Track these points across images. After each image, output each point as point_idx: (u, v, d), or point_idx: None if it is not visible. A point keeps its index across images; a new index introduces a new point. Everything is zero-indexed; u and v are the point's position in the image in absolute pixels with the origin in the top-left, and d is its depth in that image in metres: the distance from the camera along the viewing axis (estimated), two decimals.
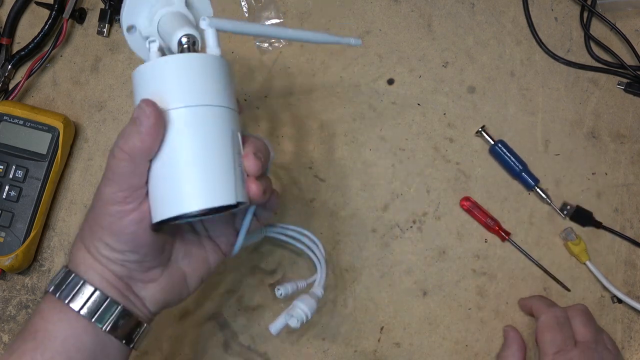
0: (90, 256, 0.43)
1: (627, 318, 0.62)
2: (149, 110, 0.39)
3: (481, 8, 0.67)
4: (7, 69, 0.65)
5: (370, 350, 0.62)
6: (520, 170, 0.63)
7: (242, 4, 0.67)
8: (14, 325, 0.62)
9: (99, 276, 0.43)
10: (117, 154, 0.40)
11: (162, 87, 0.40)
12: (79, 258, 0.43)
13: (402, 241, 0.63)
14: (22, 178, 0.61)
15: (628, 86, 0.66)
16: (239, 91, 0.66)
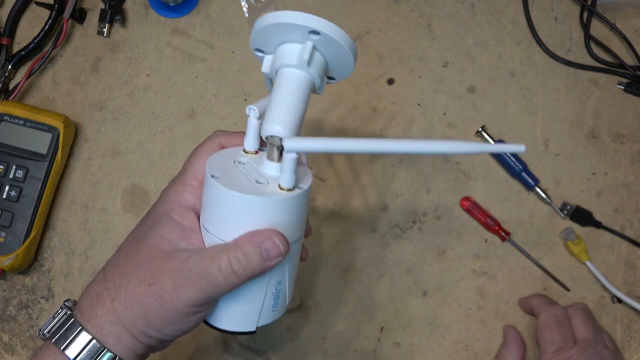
0: (126, 333, 0.40)
1: (627, 318, 0.62)
2: (284, 248, 0.39)
3: (481, 8, 0.67)
4: (7, 69, 0.65)
5: (370, 350, 0.62)
6: (520, 170, 0.63)
7: (242, 4, 0.67)
8: (14, 325, 0.62)
9: (125, 347, 0.40)
10: (227, 269, 0.38)
11: (277, 221, 0.39)
12: (106, 326, 0.40)
13: (402, 241, 0.63)
14: (22, 178, 0.61)
15: (628, 86, 0.66)
16: (239, 91, 0.66)
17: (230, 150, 0.43)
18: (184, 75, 0.66)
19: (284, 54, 0.42)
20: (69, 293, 0.62)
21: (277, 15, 0.39)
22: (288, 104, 0.40)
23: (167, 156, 0.65)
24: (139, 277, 0.39)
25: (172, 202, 0.42)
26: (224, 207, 0.39)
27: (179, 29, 0.67)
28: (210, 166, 0.40)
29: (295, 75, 0.41)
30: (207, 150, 0.43)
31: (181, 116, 0.66)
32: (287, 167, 0.38)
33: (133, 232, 0.42)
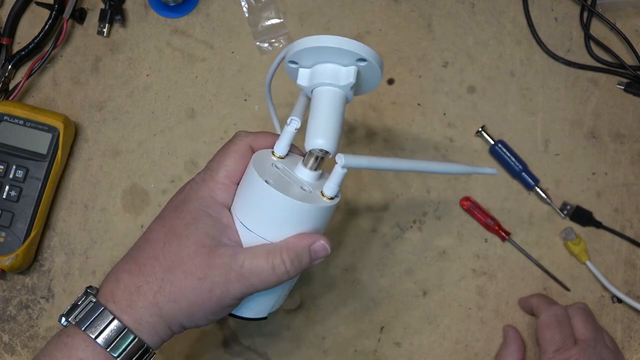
0: (164, 324, 0.42)
1: (627, 318, 0.62)
2: (330, 250, 0.44)
3: (481, 8, 0.67)
4: (7, 69, 0.65)
5: (370, 350, 0.62)
6: (520, 170, 0.63)
7: (242, 4, 0.67)
8: (14, 325, 0.62)
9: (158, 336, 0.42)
10: (281, 267, 0.42)
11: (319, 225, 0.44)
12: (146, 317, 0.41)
13: (402, 241, 0.63)
14: (22, 178, 0.61)
15: (628, 86, 0.66)
16: (239, 91, 0.66)
17: (262, 154, 0.45)
18: (184, 75, 0.66)
19: (328, 74, 0.44)
20: (69, 293, 0.62)
21: (332, 39, 0.42)
22: (333, 121, 0.44)
23: (167, 156, 0.65)
24: (185, 271, 0.41)
25: (207, 199, 0.43)
26: (276, 211, 0.42)
27: (179, 29, 0.67)
28: (258, 170, 0.42)
29: (338, 94, 0.44)
30: (237, 151, 0.45)
31: (181, 116, 0.66)
32: (336, 179, 0.43)
33: (165, 226, 0.43)
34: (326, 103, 0.44)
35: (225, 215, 0.43)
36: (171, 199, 0.46)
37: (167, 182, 0.64)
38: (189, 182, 0.45)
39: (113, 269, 0.44)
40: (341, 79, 0.44)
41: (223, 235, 0.42)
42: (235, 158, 0.44)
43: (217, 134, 0.65)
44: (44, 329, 0.62)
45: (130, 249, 0.44)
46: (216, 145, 0.65)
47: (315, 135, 0.43)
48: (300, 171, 0.45)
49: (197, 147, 0.65)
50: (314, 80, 0.44)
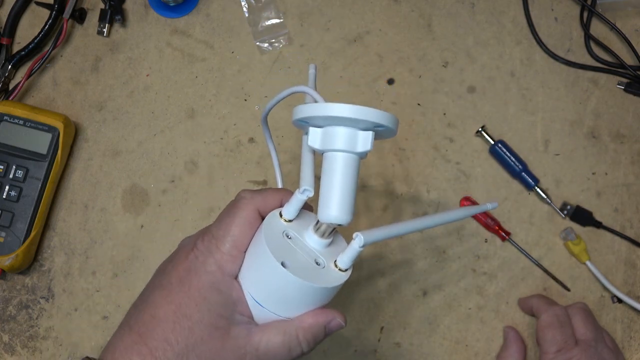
0: None
1: (627, 318, 0.62)
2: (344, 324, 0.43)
3: (481, 8, 0.67)
4: (7, 69, 0.65)
5: (370, 350, 0.62)
6: (520, 170, 0.63)
7: (242, 4, 0.67)
8: (14, 325, 0.62)
9: None
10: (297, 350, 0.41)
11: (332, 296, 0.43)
12: None
13: (402, 241, 0.63)
14: (22, 178, 0.61)
15: (628, 86, 0.66)
16: (239, 91, 0.66)
17: (272, 222, 0.43)
18: (184, 75, 0.66)
19: (343, 140, 0.41)
20: (69, 293, 0.62)
21: (350, 110, 0.39)
22: (348, 190, 0.41)
23: (167, 156, 0.65)
24: (198, 356, 0.39)
25: (214, 273, 0.41)
26: (292, 292, 0.40)
27: (179, 29, 0.67)
28: (271, 247, 0.40)
29: (353, 161, 0.41)
30: (244, 217, 0.42)
31: (181, 116, 0.66)
32: (351, 255, 0.42)
33: (173, 303, 0.40)
34: (341, 172, 0.41)
35: (235, 288, 0.41)
36: (172, 263, 0.42)
37: (167, 182, 0.64)
38: (191, 248, 0.42)
39: (116, 342, 0.41)
40: (358, 146, 0.41)
41: (235, 311, 0.40)
42: (243, 225, 0.42)
43: (217, 134, 0.65)
44: (44, 329, 0.62)
45: (132, 319, 0.41)
46: (216, 145, 0.65)
47: (331, 208, 0.41)
48: (311, 238, 0.43)
49: (197, 147, 0.65)
50: (327, 145, 0.41)
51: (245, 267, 0.42)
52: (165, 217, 0.64)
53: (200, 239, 0.42)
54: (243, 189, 0.44)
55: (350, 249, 0.42)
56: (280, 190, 0.45)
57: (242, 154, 0.65)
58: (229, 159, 0.65)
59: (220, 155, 0.65)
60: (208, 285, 0.40)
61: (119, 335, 0.41)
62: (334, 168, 0.41)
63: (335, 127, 0.41)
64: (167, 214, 0.64)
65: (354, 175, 0.41)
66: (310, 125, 0.42)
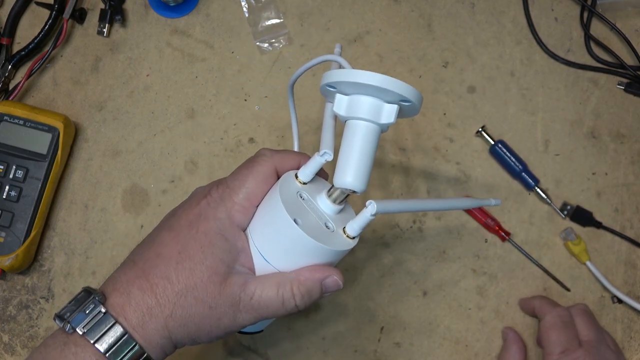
0: (172, 344, 0.41)
1: (627, 318, 0.62)
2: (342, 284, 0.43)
3: (481, 8, 0.67)
4: (7, 69, 0.65)
5: (370, 350, 0.62)
6: (520, 170, 0.63)
7: (242, 4, 0.67)
8: (14, 325, 0.62)
9: (164, 353, 0.41)
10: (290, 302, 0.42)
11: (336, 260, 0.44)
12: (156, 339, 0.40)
13: (402, 241, 0.63)
14: (22, 178, 0.61)
15: (628, 86, 0.66)
16: (239, 91, 0.66)
17: (287, 180, 0.43)
18: (184, 75, 0.66)
19: (369, 109, 0.41)
20: (69, 293, 0.62)
21: (381, 79, 0.39)
22: (366, 159, 0.42)
23: (167, 156, 0.65)
24: (196, 297, 0.40)
25: (223, 221, 0.42)
26: (299, 249, 0.41)
27: (179, 29, 0.67)
28: (286, 204, 0.41)
29: (375, 131, 0.42)
30: (261, 172, 0.43)
31: (181, 116, 0.66)
32: (362, 222, 0.42)
33: (179, 243, 0.41)
34: (362, 140, 0.42)
35: (241, 239, 0.42)
36: (183, 208, 0.44)
37: (167, 182, 0.64)
38: (204, 195, 0.43)
39: (119, 275, 0.42)
40: (382, 117, 0.41)
41: (236, 261, 0.42)
42: (258, 179, 0.43)
43: (217, 134, 0.65)
44: (44, 329, 0.62)
45: (137, 255, 0.43)
46: (216, 145, 0.65)
47: (347, 174, 0.41)
48: (324, 202, 0.44)
49: (197, 147, 0.65)
50: (352, 112, 0.42)
51: (256, 221, 0.42)
52: None
53: (214, 187, 0.43)
54: (263, 147, 0.45)
55: (362, 216, 0.42)
56: (299, 153, 0.46)
57: (242, 154, 0.65)
58: (229, 159, 0.65)
59: (220, 155, 0.65)
60: (215, 231, 0.41)
61: (122, 269, 0.42)
62: (355, 135, 0.42)
63: (361, 96, 0.41)
64: None
65: (374, 145, 0.42)
66: (337, 92, 0.42)
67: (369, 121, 0.41)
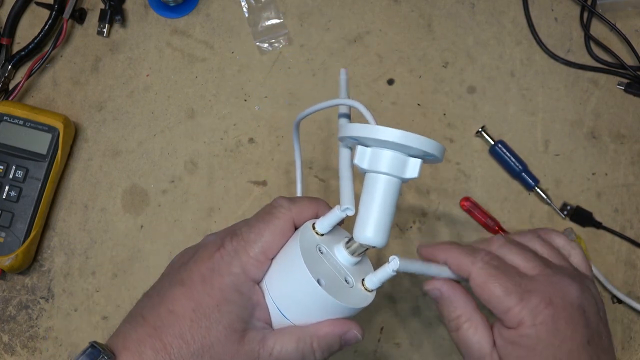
0: None
1: (627, 318, 0.62)
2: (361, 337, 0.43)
3: (481, 8, 0.67)
4: (7, 69, 0.65)
5: (370, 350, 0.62)
6: (520, 170, 0.63)
7: (242, 4, 0.67)
8: (14, 325, 0.62)
9: None
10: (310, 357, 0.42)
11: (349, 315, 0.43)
12: None
13: (402, 241, 0.63)
14: (22, 178, 0.61)
15: (628, 86, 0.66)
16: (239, 91, 0.66)
17: (305, 234, 0.42)
18: (184, 75, 0.66)
19: (392, 163, 0.40)
20: (68, 293, 0.62)
21: (407, 138, 0.38)
22: (388, 214, 0.41)
23: (167, 156, 0.65)
24: (212, 357, 0.39)
25: (239, 276, 0.41)
26: (320, 308, 0.41)
27: (179, 29, 0.67)
28: (308, 263, 0.40)
29: (397, 185, 0.41)
30: (278, 226, 0.42)
31: (181, 116, 0.66)
32: (382, 277, 0.42)
33: (193, 300, 0.40)
34: (384, 194, 0.40)
35: (256, 293, 0.41)
36: (194, 260, 0.42)
37: (167, 182, 0.64)
38: (217, 247, 0.41)
39: (128, 332, 0.40)
40: (406, 172, 0.40)
41: (252, 316, 0.41)
42: (276, 233, 0.41)
43: (217, 134, 0.65)
44: (44, 329, 0.62)
45: (146, 310, 0.41)
46: (216, 145, 0.65)
47: (368, 229, 0.40)
48: (341, 253, 0.43)
49: (197, 147, 0.65)
50: (374, 166, 0.40)
51: (273, 275, 0.41)
52: (165, 218, 0.64)
53: (228, 239, 0.41)
54: (280, 196, 0.44)
55: (383, 270, 0.42)
56: (316, 201, 0.44)
57: (242, 154, 0.65)
58: (229, 159, 0.65)
59: (220, 156, 0.65)
60: (231, 287, 0.40)
61: (131, 325, 0.40)
62: (378, 190, 0.40)
63: (385, 150, 0.40)
64: (167, 214, 0.64)
65: (395, 198, 0.41)
66: (359, 144, 0.41)
67: (393, 176, 0.40)
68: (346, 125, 0.41)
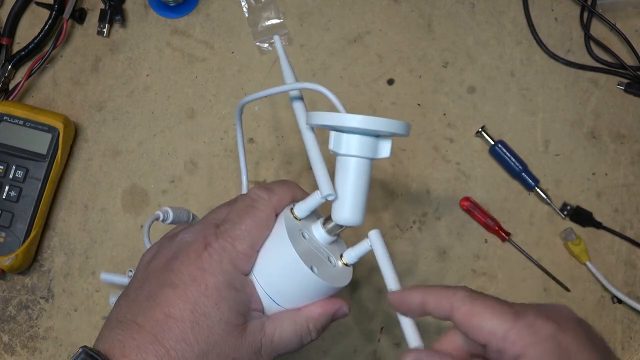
0: None
1: (627, 318, 0.62)
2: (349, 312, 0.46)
3: (481, 8, 0.67)
4: (7, 69, 0.65)
5: (370, 350, 0.62)
6: (520, 171, 0.63)
7: (242, 4, 0.67)
8: (14, 325, 0.62)
9: None
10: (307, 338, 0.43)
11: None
12: None
13: (402, 241, 0.63)
14: (22, 178, 0.61)
15: (628, 86, 0.66)
16: (239, 91, 0.66)
17: (289, 222, 0.43)
18: (184, 75, 0.66)
19: (364, 146, 0.41)
20: (68, 293, 0.62)
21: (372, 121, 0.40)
22: (363, 193, 0.42)
23: (167, 156, 0.65)
24: (218, 354, 0.39)
25: (231, 273, 0.41)
26: (312, 291, 0.42)
27: (179, 29, 0.67)
28: (299, 251, 0.41)
29: (369, 165, 0.42)
30: (264, 219, 0.42)
31: (181, 116, 0.66)
32: (361, 252, 0.44)
33: (189, 302, 0.39)
34: (360, 176, 0.42)
35: (248, 285, 0.42)
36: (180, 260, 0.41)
37: (167, 182, 0.64)
38: (203, 246, 0.41)
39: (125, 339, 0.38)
40: (378, 153, 0.42)
41: (249, 308, 0.41)
42: (260, 226, 0.42)
43: (217, 134, 0.65)
44: (44, 329, 0.62)
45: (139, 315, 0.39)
46: (216, 145, 0.65)
47: (345, 210, 0.42)
48: (319, 233, 0.44)
49: (197, 147, 0.65)
50: (348, 150, 0.41)
51: (263, 266, 0.42)
52: None
53: (212, 237, 0.41)
54: (255, 186, 0.44)
55: (361, 247, 0.44)
56: (289, 186, 0.45)
57: None
58: (229, 159, 0.65)
59: (220, 156, 0.65)
60: (225, 284, 0.40)
61: (125, 332, 0.39)
62: (352, 171, 0.42)
63: (358, 136, 0.41)
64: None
65: (369, 177, 0.42)
66: (331, 129, 0.42)
67: (365, 157, 0.41)
68: (317, 114, 0.42)
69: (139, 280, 0.42)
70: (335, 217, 0.42)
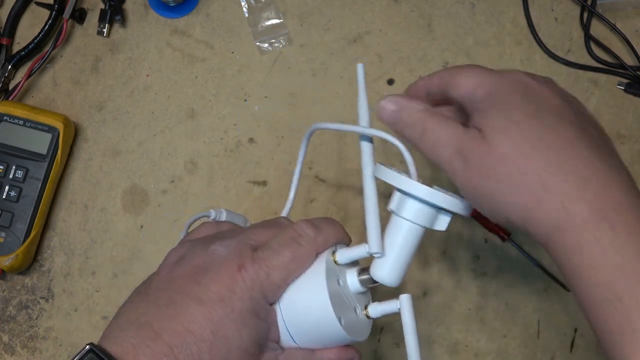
0: None
1: None
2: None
3: (481, 8, 0.67)
4: (7, 69, 0.65)
5: (370, 350, 0.62)
6: None
7: (242, 4, 0.67)
8: (14, 325, 0.62)
9: None
10: None
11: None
12: None
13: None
14: (22, 178, 0.61)
15: (628, 86, 0.66)
16: (239, 91, 0.66)
17: (329, 267, 0.43)
18: (184, 75, 0.66)
19: (423, 215, 0.41)
20: (68, 293, 0.62)
21: (445, 200, 0.40)
22: (408, 259, 0.43)
23: (167, 156, 0.65)
24: None
25: (259, 301, 0.40)
26: (333, 340, 0.42)
27: (179, 29, 0.67)
28: (332, 300, 0.41)
29: (422, 233, 0.42)
30: (304, 258, 0.42)
31: (181, 116, 0.66)
32: (387, 311, 0.44)
33: (212, 322, 0.38)
34: (409, 240, 0.42)
35: (271, 315, 0.41)
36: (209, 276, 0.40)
37: (167, 182, 0.64)
38: (237, 267, 0.40)
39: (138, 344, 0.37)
40: (435, 225, 0.42)
41: (267, 338, 0.41)
42: (299, 263, 0.41)
43: (217, 134, 0.65)
44: (44, 329, 0.62)
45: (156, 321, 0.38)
46: (216, 145, 0.65)
47: (385, 269, 0.42)
48: (352, 281, 0.44)
49: (197, 147, 0.65)
50: (405, 213, 0.42)
51: (291, 303, 0.42)
52: (165, 218, 0.64)
53: (249, 261, 0.40)
54: (302, 221, 0.43)
55: (389, 307, 0.43)
56: (337, 228, 0.44)
57: (242, 154, 0.65)
58: (229, 159, 0.65)
59: (220, 156, 0.65)
60: (251, 312, 0.40)
61: (139, 337, 0.38)
62: (404, 235, 0.42)
63: (421, 204, 0.41)
64: (167, 214, 0.64)
65: (419, 244, 0.43)
66: (397, 190, 0.42)
67: (422, 226, 0.42)
68: (389, 172, 0.42)
69: (161, 281, 0.42)
70: (374, 273, 0.42)
